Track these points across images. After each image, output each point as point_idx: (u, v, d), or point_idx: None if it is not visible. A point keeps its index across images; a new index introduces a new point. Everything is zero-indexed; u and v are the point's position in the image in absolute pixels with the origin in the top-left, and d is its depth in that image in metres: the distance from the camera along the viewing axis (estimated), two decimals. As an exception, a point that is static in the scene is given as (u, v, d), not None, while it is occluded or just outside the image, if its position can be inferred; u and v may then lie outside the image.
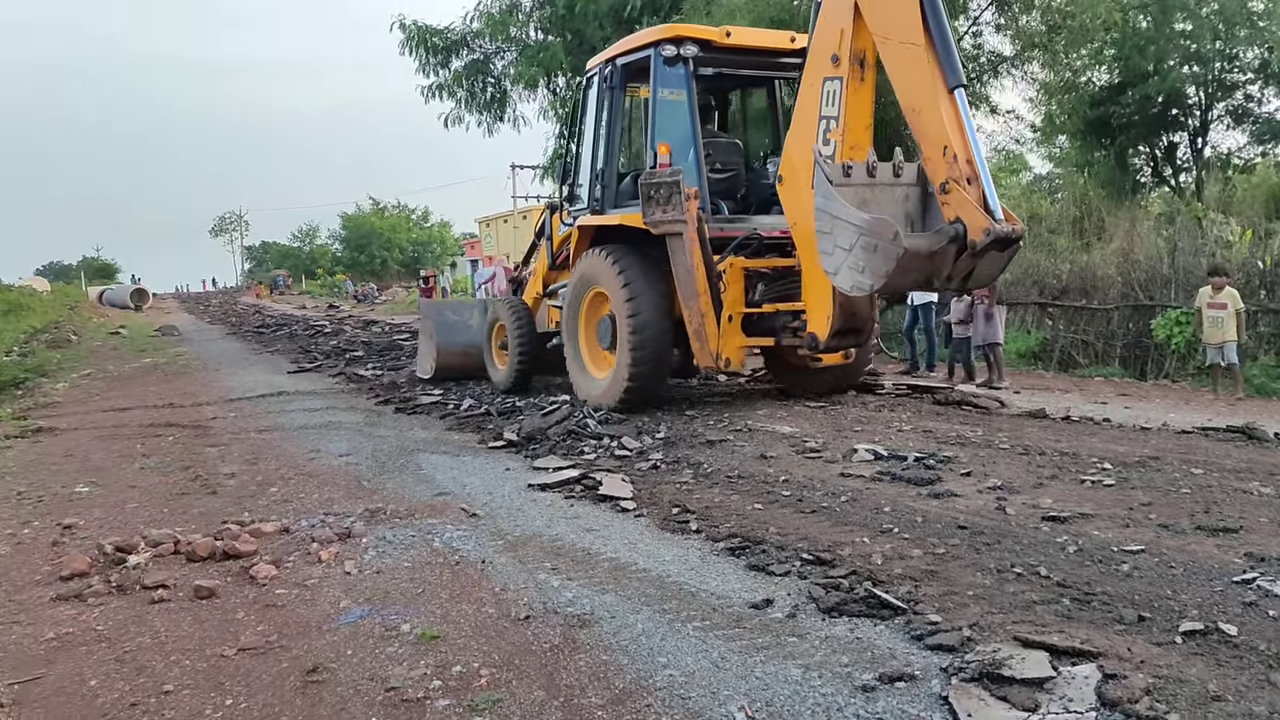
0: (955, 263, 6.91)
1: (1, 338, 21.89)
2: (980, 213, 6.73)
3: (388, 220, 78.32)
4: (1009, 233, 6.72)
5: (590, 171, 10.28)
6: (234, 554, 5.25)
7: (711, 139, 9.93)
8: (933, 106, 7.01)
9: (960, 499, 5.90)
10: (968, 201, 6.77)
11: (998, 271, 7.40)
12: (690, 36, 9.27)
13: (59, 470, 7.99)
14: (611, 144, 9.97)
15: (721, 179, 9.77)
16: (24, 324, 27.99)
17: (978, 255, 6.83)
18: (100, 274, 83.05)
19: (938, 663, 3.58)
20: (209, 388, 13.65)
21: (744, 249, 9.10)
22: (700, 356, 9.04)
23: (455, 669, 3.74)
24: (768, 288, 9.06)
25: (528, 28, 21.25)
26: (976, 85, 17.53)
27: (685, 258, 8.71)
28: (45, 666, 3.92)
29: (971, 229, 6.75)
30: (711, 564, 4.92)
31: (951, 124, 6.95)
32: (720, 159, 9.93)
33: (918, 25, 6.99)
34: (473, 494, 6.64)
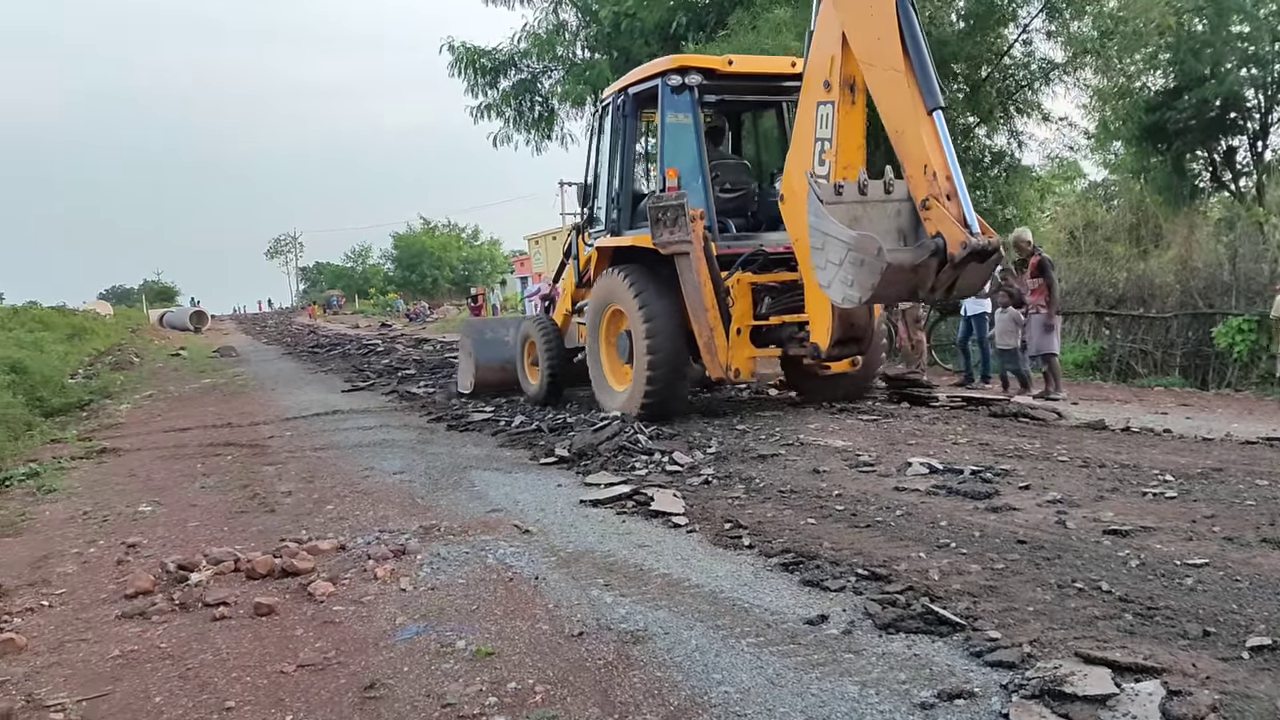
0: (937, 274, 7.29)
1: (67, 361, 22.44)
2: (958, 227, 7.11)
3: (438, 239, 79.15)
4: (985, 245, 7.09)
5: (607, 195, 10.71)
6: (292, 571, 5.33)
7: (721, 161, 10.43)
8: (913, 128, 7.41)
9: (1019, 513, 5.81)
10: (947, 217, 7.14)
11: (980, 282, 7.92)
12: (694, 66, 9.74)
13: (123, 490, 8.17)
14: (626, 168, 10.45)
15: (731, 198, 10.24)
16: (88, 347, 28.70)
17: (958, 267, 7.21)
18: (160, 297, 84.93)
19: (998, 680, 3.52)
20: (266, 407, 13.88)
21: (751, 264, 9.49)
22: (711, 368, 9.37)
23: (510, 685, 3.75)
24: (774, 301, 9.47)
25: (574, 47, 21.44)
26: (1028, 93, 17.34)
27: (693, 275, 9.11)
28: (112, 683, 4.00)
29: (950, 243, 7.13)
30: (765, 580, 4.89)
31: (931, 144, 7.33)
32: (730, 179, 10.38)
33: (898, 52, 7.41)
34: (525, 510, 6.67)
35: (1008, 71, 17.37)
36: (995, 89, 17.04)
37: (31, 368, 17.12)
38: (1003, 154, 18.02)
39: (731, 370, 9.31)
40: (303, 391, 16.12)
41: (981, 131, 17.73)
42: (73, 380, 20.08)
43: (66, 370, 20.98)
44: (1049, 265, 11.51)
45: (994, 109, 17.01)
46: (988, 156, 17.94)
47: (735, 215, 10.24)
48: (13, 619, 4.85)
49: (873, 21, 7.66)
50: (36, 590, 5.33)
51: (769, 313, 9.47)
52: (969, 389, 12.33)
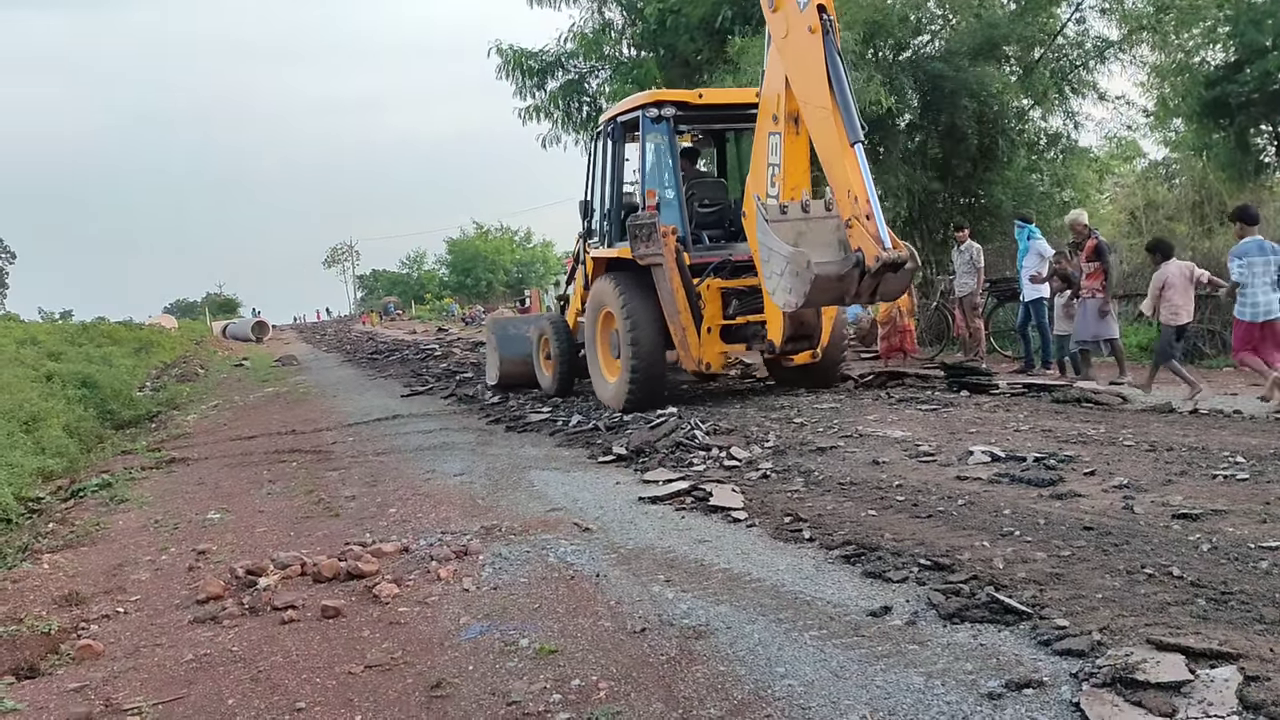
0: (860, 283, 8.31)
1: (135, 374, 23.00)
2: (873, 243, 8.13)
3: (491, 243, 79.65)
4: (895, 258, 8.14)
5: (600, 211, 12.14)
6: (357, 574, 5.41)
7: (699, 180, 11.93)
8: (838, 158, 8.45)
9: (1084, 499, 5.71)
10: (865, 235, 8.18)
11: (901, 288, 8.80)
12: (670, 100, 11.03)
13: (192, 498, 8.35)
14: (616, 187, 11.78)
15: (707, 213, 11.53)
16: (155, 360, 29.39)
17: (875, 276, 8.22)
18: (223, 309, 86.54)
19: (1067, 668, 3.47)
20: (328, 414, 14.10)
21: (721, 271, 10.67)
22: (685, 362, 10.72)
23: (574, 682, 3.78)
24: (741, 303, 10.63)
25: (620, 45, 21.46)
26: (1082, 72, 17.03)
27: (666, 283, 10.36)
28: (186, 687, 4.09)
29: (867, 256, 8.14)
30: (826, 572, 4.87)
31: (853, 172, 8.33)
32: (707, 196, 11.72)
33: (826, 93, 8.45)
34: (584, 508, 6.70)
35: (1061, 51, 17.08)
36: (1049, 70, 16.76)
37: (101, 382, 17.58)
38: (1059, 135, 17.72)
39: (703, 364, 10.59)
40: (363, 397, 16.35)
41: (1036, 114, 17.45)
42: (141, 393, 20.57)
43: (135, 383, 21.51)
44: (1105, 249, 11.24)
45: (1048, 90, 16.72)
46: (1043, 139, 17.67)
47: (712, 227, 11.49)
48: (90, 625, 4.99)
49: (806, 66, 8.76)
50: (112, 597, 5.48)
51: (736, 314, 10.64)
52: (1029, 375, 12.12)
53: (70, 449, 12.27)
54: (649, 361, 10.56)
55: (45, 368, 17.74)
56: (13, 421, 12.12)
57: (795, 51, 9.00)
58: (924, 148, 16.64)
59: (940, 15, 17.53)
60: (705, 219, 11.44)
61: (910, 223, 17.34)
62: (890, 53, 16.83)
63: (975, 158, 16.72)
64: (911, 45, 17.31)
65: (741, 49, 15.39)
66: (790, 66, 9.15)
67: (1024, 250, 12.86)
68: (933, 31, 17.66)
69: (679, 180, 11.19)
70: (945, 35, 17.41)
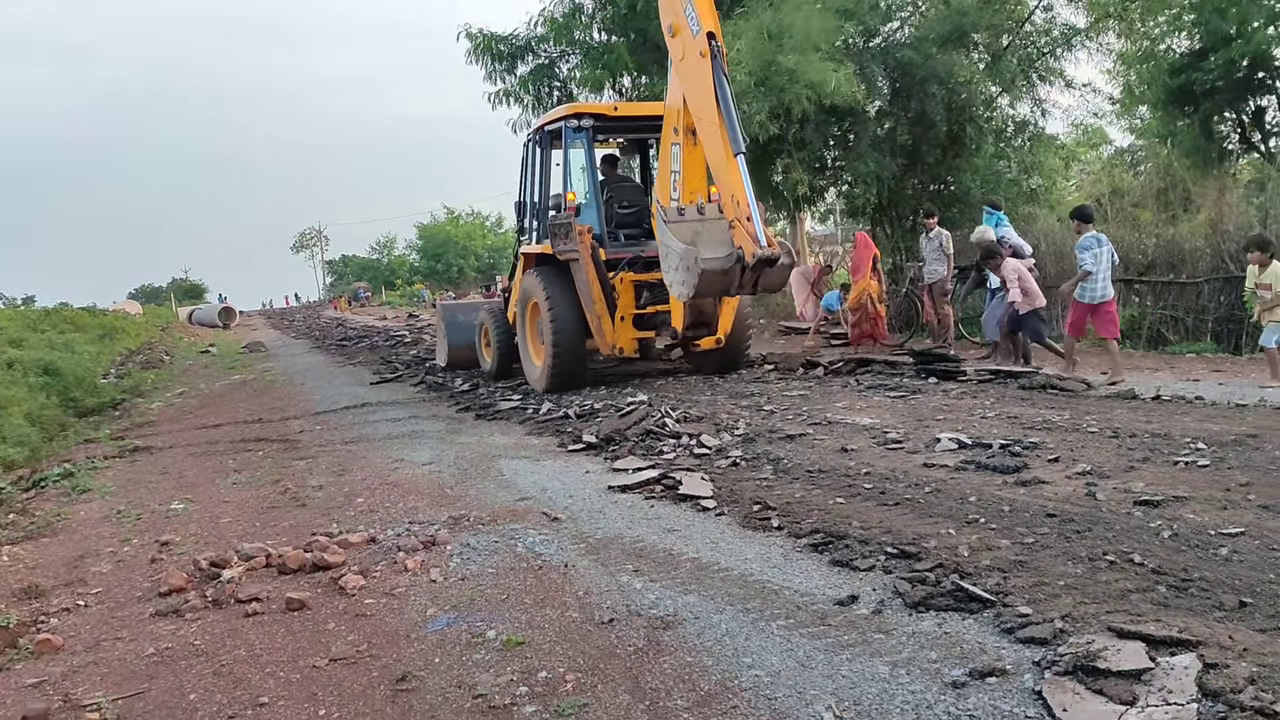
0: (742, 276, 9.44)
1: (99, 361, 22.69)
2: (751, 242, 9.25)
3: (463, 228, 79.15)
4: (769, 255, 9.29)
5: (529, 211, 13.39)
6: (323, 565, 5.37)
7: (619, 183, 13.07)
8: (724, 167, 9.52)
9: (1048, 486, 5.76)
10: (745, 234, 9.31)
11: (780, 280, 10.14)
12: (588, 112, 12.19)
13: (155, 488, 8.26)
14: (543, 189, 12.99)
15: (625, 213, 12.62)
16: (119, 346, 29.01)
17: (754, 270, 9.39)
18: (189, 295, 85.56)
19: (1030, 656, 3.49)
20: (296, 402, 13.98)
21: (634, 266, 11.71)
22: (601, 346, 11.74)
23: (541, 674, 3.77)
24: (650, 294, 11.67)
25: (591, 30, 21.32)
26: (1050, 60, 17.12)
27: (583, 276, 11.38)
28: (147, 681, 4.05)
29: (746, 253, 9.26)
30: (794, 561, 4.88)
31: (736, 179, 9.38)
32: (626, 198, 12.80)
33: (714, 110, 9.52)
34: (554, 498, 6.68)
35: (1029, 39, 17.15)
36: (1016, 57, 16.84)
37: (64, 368, 17.34)
38: (1026, 123, 17.82)
39: (617, 348, 11.71)
40: (332, 385, 16.22)
41: (1004, 101, 17.53)
42: (104, 380, 20.30)
43: (98, 370, 21.22)
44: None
45: (1016, 78, 16.81)
46: (1010, 126, 17.75)
47: (629, 226, 12.55)
48: (49, 619, 4.93)
49: (698, 86, 9.81)
50: (72, 590, 5.41)
51: (646, 304, 11.73)
52: (995, 362, 12.21)
53: (31, 437, 12.08)
54: (569, 347, 11.67)
55: (6, 354, 17.46)
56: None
57: (689, 73, 10.08)
58: (893, 135, 16.69)
59: (910, 2, 17.58)
60: (623, 219, 12.55)
61: (880, 209, 17.42)
62: (860, 39, 16.85)
63: (944, 145, 16.79)
64: (882, 32, 17.34)
65: (713, 33, 15.35)
66: (685, 86, 10.22)
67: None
68: (902, 18, 17.70)
69: (596, 184, 12.41)
70: (915, 22, 17.46)
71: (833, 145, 17.32)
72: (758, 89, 14.49)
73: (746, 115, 14.43)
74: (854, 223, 22.23)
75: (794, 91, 13.93)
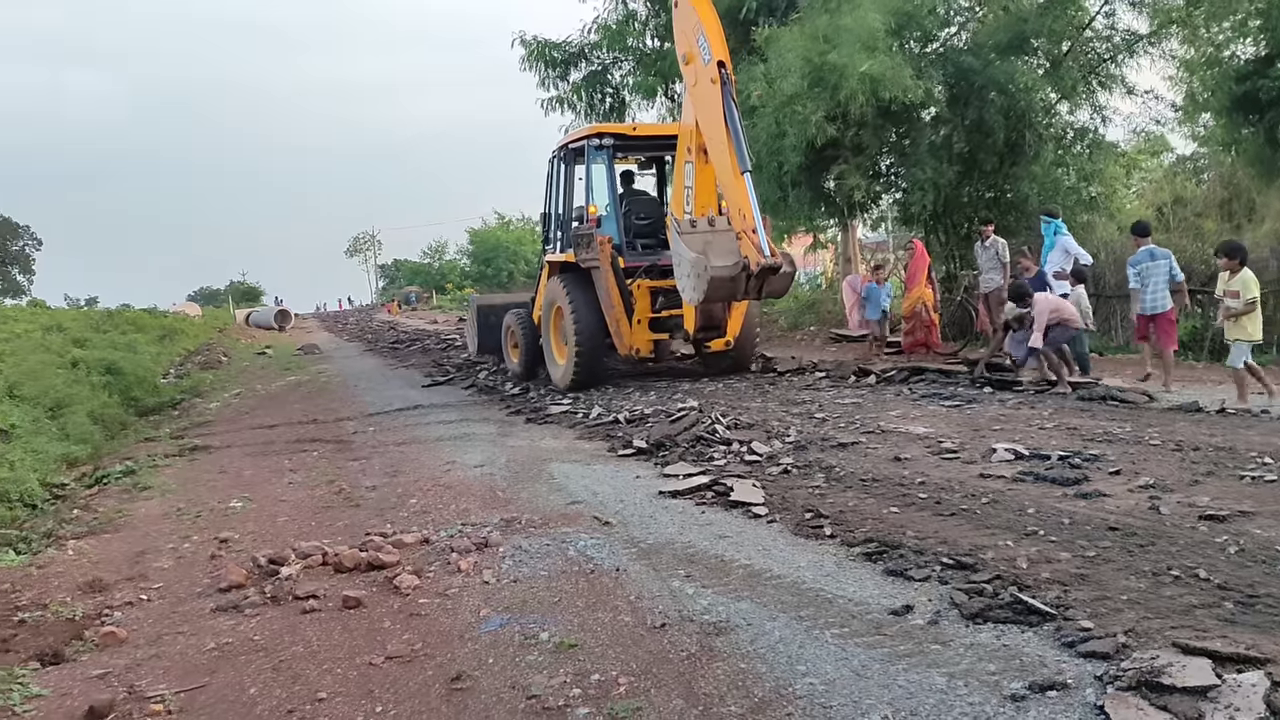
0: (748, 283, 10.29)
1: (159, 361, 23.16)
2: (756, 252, 10.13)
3: (513, 233, 79.53)
4: (772, 264, 10.16)
5: (554, 222, 14.36)
6: (378, 565, 5.42)
7: (636, 196, 14.01)
8: (732, 184, 10.53)
9: (1110, 499, 5.65)
10: (750, 245, 10.21)
11: (785, 287, 11.07)
12: (609, 132, 13.26)
13: (214, 486, 8.40)
14: (568, 202, 13.97)
15: (642, 224, 13.53)
16: (179, 347, 29.58)
17: (759, 278, 10.23)
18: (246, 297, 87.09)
19: (1091, 671, 3.43)
20: (349, 403, 14.14)
21: (651, 273, 12.54)
22: (620, 348, 12.60)
23: (594, 677, 3.77)
24: (666, 299, 12.51)
25: (644, 37, 21.35)
26: (1110, 66, 16.81)
27: (603, 282, 12.33)
28: (208, 675, 4.11)
29: (751, 262, 10.13)
30: (847, 569, 4.84)
31: (742, 195, 10.36)
32: (643, 211, 13.75)
33: (723, 131, 10.46)
34: (604, 502, 6.69)
35: (1089, 45, 16.87)
36: (1077, 64, 16.57)
37: (126, 369, 17.71)
38: (1086, 130, 17.51)
39: (634, 349, 12.63)
40: (384, 387, 16.40)
41: (1064, 108, 17.25)
42: (165, 380, 20.72)
43: (159, 370, 21.65)
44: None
45: (1076, 84, 16.52)
46: (1070, 133, 17.46)
47: (646, 236, 13.38)
48: (113, 612, 5.02)
49: (709, 110, 10.76)
50: (135, 585, 5.51)
51: (661, 309, 12.63)
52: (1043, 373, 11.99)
53: (94, 436, 12.35)
54: (590, 348, 12.51)
55: (71, 354, 17.88)
56: (39, 408, 12.22)
57: (701, 97, 11.06)
58: (949, 141, 16.48)
59: (968, 8, 17.38)
60: (640, 229, 13.44)
61: (935, 217, 17.22)
62: (917, 44, 16.69)
63: (1002, 152, 16.55)
64: (939, 37, 17.17)
65: (769, 38, 15.31)
66: (698, 109, 11.21)
67: (1049, 245, 12.75)
68: (960, 24, 17.51)
69: (616, 197, 13.30)
70: (973, 28, 17.25)
71: (889, 151, 17.17)
72: (811, 90, 14.41)
73: (802, 117, 14.36)
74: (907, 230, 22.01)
75: (849, 88, 13.84)
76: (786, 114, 14.57)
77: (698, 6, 11.30)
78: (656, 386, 12.38)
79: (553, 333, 13.45)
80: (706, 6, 11.32)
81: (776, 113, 14.78)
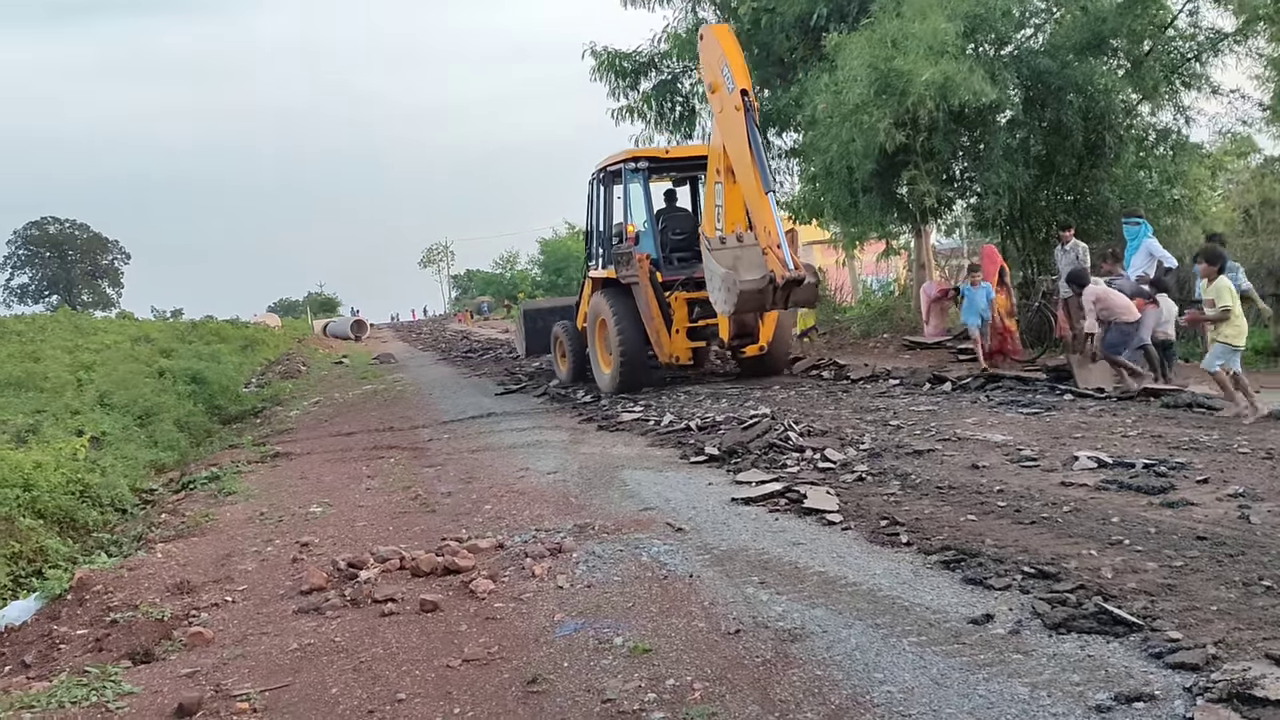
0: (774, 295, 11.10)
1: (241, 371, 23.76)
2: (781, 266, 10.95)
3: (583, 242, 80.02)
4: (796, 276, 10.98)
5: (595, 241, 15.36)
6: (454, 569, 5.50)
7: (672, 213, 14.89)
8: (758, 203, 11.34)
9: (1197, 508, 5.50)
10: (776, 260, 11.01)
11: (810, 296, 12.12)
12: (644, 155, 14.38)
13: (295, 492, 8.59)
14: (608, 221, 14.97)
15: (678, 239, 14.28)
16: (260, 357, 30.33)
17: (785, 289, 11.04)
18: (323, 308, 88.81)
19: (1180, 682, 3.34)
20: (424, 411, 14.36)
21: (687, 285, 13.34)
22: (660, 355, 13.53)
23: (669, 682, 3.77)
24: (702, 310, 13.26)
25: (714, 45, 21.33)
26: (1194, 65, 16.36)
27: (642, 296, 13.27)
28: (291, 675, 4.21)
29: (777, 275, 10.93)
30: (925, 577, 4.77)
31: (767, 213, 11.22)
32: (679, 226, 14.51)
33: (747, 154, 11.31)
34: (677, 508, 6.69)
35: (1171, 44, 16.43)
36: (1159, 63, 16.15)
37: (210, 378, 18.22)
38: (1168, 131, 17.04)
39: (674, 356, 13.50)
40: (458, 395, 16.61)
41: (1145, 109, 16.82)
42: (247, 389, 21.25)
43: (241, 380, 22.22)
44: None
45: (1158, 84, 16.10)
46: (1152, 134, 17.01)
47: (682, 250, 14.07)
48: (200, 613, 5.17)
49: (735, 135, 11.60)
50: (221, 586, 5.66)
51: (698, 318, 13.48)
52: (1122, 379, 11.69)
53: (181, 443, 12.74)
54: (632, 356, 13.47)
55: (158, 364, 18.44)
56: (128, 416, 12.63)
57: (727, 124, 11.91)
58: (1026, 144, 16.16)
59: (1044, 9, 17.06)
60: (677, 244, 14.24)
61: (1011, 221, 16.91)
62: (991, 47, 16.42)
63: (1081, 154, 16.17)
64: (1014, 40, 16.87)
65: (838, 45, 15.18)
66: (724, 135, 12.02)
67: (1133, 249, 12.45)
68: (1036, 25, 17.19)
69: (653, 216, 14.34)
70: (1049, 29, 16.93)
71: (962, 155, 16.89)
72: (878, 97, 14.26)
73: (869, 125, 14.20)
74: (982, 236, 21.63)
75: (916, 94, 13.65)
76: (853, 122, 14.42)
77: (722, 40, 12.18)
78: (728, 394, 12.36)
79: (598, 343, 14.39)
80: (730, 39, 12.25)
81: (844, 121, 14.64)
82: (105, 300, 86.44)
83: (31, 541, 7.20)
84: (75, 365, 16.17)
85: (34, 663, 4.84)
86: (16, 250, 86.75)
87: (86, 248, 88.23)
